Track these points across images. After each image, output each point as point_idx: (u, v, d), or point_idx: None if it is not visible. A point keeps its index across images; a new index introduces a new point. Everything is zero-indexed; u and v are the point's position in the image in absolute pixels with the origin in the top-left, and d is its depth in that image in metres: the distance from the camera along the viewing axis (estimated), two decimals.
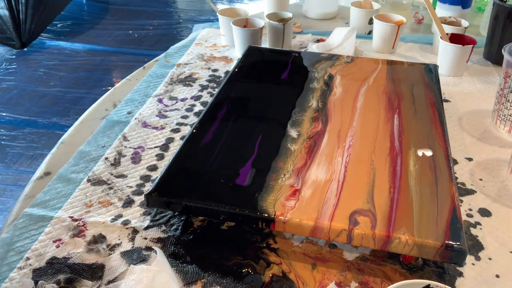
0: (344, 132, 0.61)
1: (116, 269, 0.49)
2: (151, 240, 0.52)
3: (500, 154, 0.68)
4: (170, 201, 0.51)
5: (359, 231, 0.46)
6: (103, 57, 3.00)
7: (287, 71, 0.78)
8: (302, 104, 0.68)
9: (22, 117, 2.25)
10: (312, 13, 1.22)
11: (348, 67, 0.79)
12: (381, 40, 0.98)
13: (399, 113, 0.66)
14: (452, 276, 0.49)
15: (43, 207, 0.57)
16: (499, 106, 0.73)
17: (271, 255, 0.51)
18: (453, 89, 0.85)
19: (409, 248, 0.46)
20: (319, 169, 0.55)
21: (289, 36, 0.99)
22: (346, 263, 0.50)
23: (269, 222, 0.48)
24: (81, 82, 2.71)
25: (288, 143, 0.59)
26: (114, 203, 0.58)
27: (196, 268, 0.49)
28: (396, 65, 0.80)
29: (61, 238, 0.53)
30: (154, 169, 0.64)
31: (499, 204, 0.59)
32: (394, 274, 0.49)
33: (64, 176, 0.62)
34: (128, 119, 0.75)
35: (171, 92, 0.83)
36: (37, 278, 0.48)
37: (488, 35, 0.95)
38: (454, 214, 0.48)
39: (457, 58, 0.87)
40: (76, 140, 0.71)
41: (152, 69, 0.91)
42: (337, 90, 0.72)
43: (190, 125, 0.73)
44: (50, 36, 3.22)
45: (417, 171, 0.54)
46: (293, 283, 0.48)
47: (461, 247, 0.45)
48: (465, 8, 1.11)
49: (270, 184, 0.52)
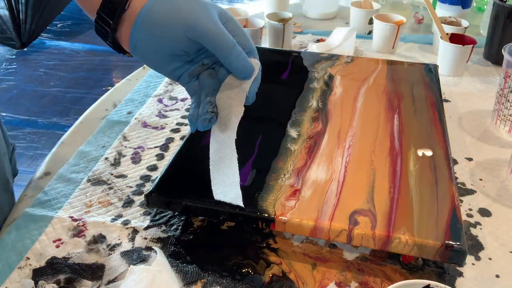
0: (344, 132, 0.61)
1: (116, 269, 0.49)
2: (151, 240, 0.52)
3: (500, 154, 0.68)
4: (170, 201, 0.51)
5: (359, 231, 0.46)
6: (103, 57, 3.00)
7: (287, 71, 0.78)
8: (302, 104, 0.68)
9: (22, 117, 2.25)
10: (312, 13, 1.22)
11: (348, 67, 0.79)
12: (381, 40, 0.98)
13: (399, 113, 0.66)
14: (452, 276, 0.49)
15: (43, 207, 0.57)
16: (499, 106, 0.73)
17: (271, 255, 0.51)
18: (453, 89, 0.85)
19: (409, 248, 0.46)
20: (319, 169, 0.55)
21: (289, 36, 0.99)
22: (346, 263, 0.50)
23: (269, 222, 0.48)
24: (81, 82, 2.72)
25: (288, 143, 0.59)
26: (114, 203, 0.58)
27: (196, 268, 0.49)
28: (396, 65, 0.80)
29: (61, 238, 0.53)
30: (154, 169, 0.64)
31: (499, 204, 0.59)
32: (394, 274, 0.49)
33: (64, 176, 0.62)
34: (128, 119, 0.75)
35: (171, 92, 0.83)
36: (37, 278, 0.48)
37: (488, 35, 0.95)
38: (454, 214, 0.48)
39: (457, 58, 0.87)
40: (76, 140, 0.71)
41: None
42: (337, 90, 0.72)
43: None
44: (50, 36, 3.22)
45: (417, 171, 0.54)
46: (293, 283, 0.48)
47: (461, 247, 0.45)
48: (465, 8, 1.11)
49: (270, 184, 0.52)
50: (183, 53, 0.47)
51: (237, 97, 0.47)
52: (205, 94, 0.48)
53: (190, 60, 0.48)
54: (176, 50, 0.46)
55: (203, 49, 0.47)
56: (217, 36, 0.44)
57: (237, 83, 0.48)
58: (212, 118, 0.47)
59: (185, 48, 0.46)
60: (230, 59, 0.46)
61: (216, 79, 0.49)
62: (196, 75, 0.49)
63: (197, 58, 0.49)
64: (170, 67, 0.48)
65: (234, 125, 0.48)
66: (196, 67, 0.49)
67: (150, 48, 0.47)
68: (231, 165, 0.49)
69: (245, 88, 0.47)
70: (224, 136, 0.48)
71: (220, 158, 0.49)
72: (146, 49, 0.47)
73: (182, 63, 0.48)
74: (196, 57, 0.48)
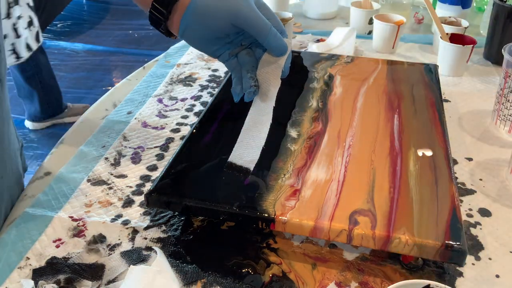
0: (344, 132, 0.61)
1: (116, 269, 0.49)
2: (151, 240, 0.52)
3: (500, 154, 0.68)
4: (170, 201, 0.51)
5: (359, 231, 0.46)
6: (103, 57, 3.00)
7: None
8: (302, 104, 0.68)
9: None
10: (312, 13, 1.22)
11: (348, 67, 0.79)
12: (381, 40, 0.98)
13: (399, 113, 0.66)
14: (452, 276, 0.49)
15: (43, 207, 0.57)
16: (499, 106, 0.73)
17: (271, 255, 0.51)
18: (453, 89, 0.85)
19: (409, 248, 0.46)
20: (319, 169, 0.55)
21: (289, 36, 0.99)
22: (346, 263, 0.50)
23: (269, 222, 0.48)
24: (81, 82, 2.72)
25: (288, 143, 0.59)
26: (114, 203, 0.58)
27: (196, 268, 0.49)
28: (396, 65, 0.80)
29: (61, 238, 0.53)
30: (154, 169, 0.64)
31: (499, 204, 0.59)
32: (394, 274, 0.49)
33: (64, 176, 0.62)
34: (128, 119, 0.75)
35: (171, 92, 0.83)
36: (37, 278, 0.48)
37: (488, 35, 0.95)
38: (454, 214, 0.48)
39: (457, 58, 0.87)
40: (76, 140, 0.71)
41: (152, 69, 0.91)
42: (337, 90, 0.72)
43: (190, 125, 0.73)
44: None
45: (417, 171, 0.54)
46: (293, 283, 0.48)
47: (461, 247, 0.45)
48: (465, 8, 1.11)
49: (270, 184, 0.52)
50: (225, 36, 0.55)
51: (275, 72, 0.55)
52: (246, 70, 0.56)
53: (230, 41, 0.56)
54: (220, 34, 0.54)
55: (241, 31, 0.55)
56: (256, 21, 0.52)
57: (273, 59, 0.55)
58: (255, 90, 0.55)
59: (227, 32, 0.54)
60: (269, 40, 0.53)
61: (254, 57, 0.57)
62: (235, 54, 0.57)
63: (236, 39, 0.56)
64: (213, 48, 0.56)
65: (273, 95, 0.56)
66: (235, 47, 0.57)
67: (197, 33, 0.55)
68: (262, 129, 0.55)
69: (281, 64, 0.55)
70: (264, 105, 0.56)
71: (254, 123, 0.56)
72: (194, 34, 0.55)
73: (223, 44, 0.56)
74: (235, 38, 0.56)
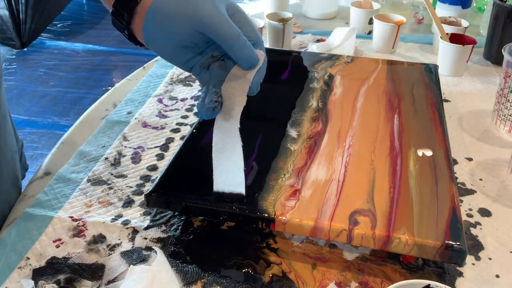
0: (344, 132, 0.61)
1: (116, 269, 0.49)
2: (151, 240, 0.52)
3: (500, 154, 0.68)
4: (170, 201, 0.51)
5: (359, 231, 0.46)
6: (103, 57, 3.00)
7: (287, 71, 0.78)
8: (302, 104, 0.68)
9: (22, 117, 2.25)
10: (312, 13, 1.22)
11: (348, 67, 0.79)
12: (381, 40, 0.98)
13: (399, 113, 0.66)
14: (452, 276, 0.49)
15: (43, 207, 0.57)
16: (499, 106, 0.73)
17: (271, 255, 0.51)
18: (453, 89, 0.85)
19: (409, 248, 0.46)
20: (319, 169, 0.55)
21: (289, 36, 0.99)
22: (346, 263, 0.50)
23: (269, 222, 0.48)
24: (81, 82, 2.72)
25: (288, 143, 0.59)
26: (114, 203, 0.58)
27: (196, 268, 0.49)
28: (396, 65, 0.80)
29: (61, 238, 0.53)
30: (154, 169, 0.64)
31: (499, 204, 0.59)
32: (394, 274, 0.49)
33: (64, 176, 0.62)
34: (128, 119, 0.75)
35: (171, 92, 0.83)
36: (37, 278, 0.48)
37: (488, 35, 0.95)
38: (454, 214, 0.48)
39: (457, 58, 0.87)
40: (76, 140, 0.71)
41: (152, 69, 0.91)
42: (337, 90, 0.72)
43: (190, 125, 0.73)
44: (50, 36, 3.22)
45: (417, 171, 0.54)
46: (293, 283, 0.48)
47: (461, 247, 0.45)
48: (465, 8, 1.11)
49: (270, 184, 0.52)
50: (193, 45, 0.49)
51: (241, 87, 0.48)
52: (212, 84, 0.49)
53: (201, 52, 0.50)
54: (186, 42, 0.48)
55: (211, 41, 0.48)
56: (221, 27, 0.46)
57: (241, 73, 0.49)
58: (216, 107, 0.48)
59: (194, 40, 0.48)
60: (235, 49, 0.46)
61: (225, 70, 0.50)
62: (207, 66, 0.51)
63: (207, 50, 0.50)
64: (182, 58, 0.50)
65: (237, 114, 0.49)
66: (206, 58, 0.50)
67: (161, 41, 0.48)
68: (235, 152, 0.50)
69: (248, 79, 0.48)
70: (228, 125, 0.49)
71: (223, 146, 0.50)
72: (158, 41, 0.49)
73: (193, 55, 0.50)
74: (206, 48, 0.50)
